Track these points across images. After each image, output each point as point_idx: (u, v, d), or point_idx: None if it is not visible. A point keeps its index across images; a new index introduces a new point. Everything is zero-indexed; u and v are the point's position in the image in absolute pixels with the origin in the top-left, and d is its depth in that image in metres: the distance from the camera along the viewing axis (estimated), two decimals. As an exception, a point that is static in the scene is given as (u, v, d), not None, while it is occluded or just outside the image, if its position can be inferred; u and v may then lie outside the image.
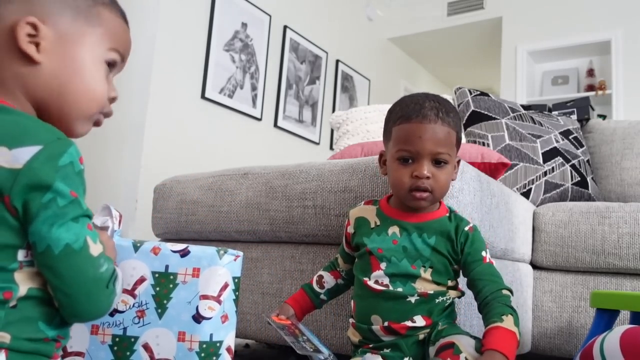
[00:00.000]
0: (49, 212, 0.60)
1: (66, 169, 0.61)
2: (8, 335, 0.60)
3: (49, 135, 0.62)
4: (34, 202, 0.59)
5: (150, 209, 1.77)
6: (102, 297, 0.65)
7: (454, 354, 0.86)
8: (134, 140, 2.79)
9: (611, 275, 1.59)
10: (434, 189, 0.97)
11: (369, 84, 4.78)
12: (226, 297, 0.89)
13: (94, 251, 0.64)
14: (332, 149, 4.10)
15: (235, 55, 3.37)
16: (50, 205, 0.60)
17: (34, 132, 0.61)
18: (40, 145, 0.60)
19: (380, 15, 5.01)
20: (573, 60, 4.50)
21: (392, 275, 0.98)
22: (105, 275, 0.65)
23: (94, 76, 0.71)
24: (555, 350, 1.62)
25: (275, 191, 1.43)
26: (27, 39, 0.65)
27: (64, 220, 0.61)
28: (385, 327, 0.97)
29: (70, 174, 0.62)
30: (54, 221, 0.60)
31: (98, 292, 0.64)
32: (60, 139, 0.62)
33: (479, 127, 2.09)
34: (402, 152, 0.98)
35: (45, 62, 0.67)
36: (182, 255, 0.89)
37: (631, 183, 2.10)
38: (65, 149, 0.62)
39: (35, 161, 0.59)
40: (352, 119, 2.06)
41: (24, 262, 0.62)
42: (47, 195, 0.60)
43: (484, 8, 4.74)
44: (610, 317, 1.27)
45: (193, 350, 0.84)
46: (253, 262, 1.48)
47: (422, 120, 0.97)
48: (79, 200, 0.63)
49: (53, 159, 0.61)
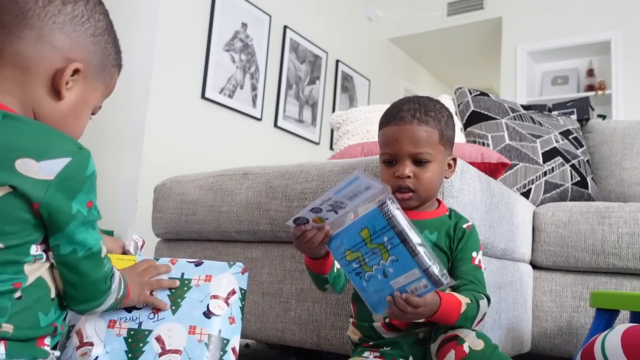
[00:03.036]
0: (77, 221, 0.68)
1: (91, 178, 0.69)
2: (11, 327, 0.66)
3: (72, 147, 0.68)
4: (64, 213, 0.67)
5: (150, 209, 1.77)
6: (102, 290, 0.77)
7: (457, 344, 0.89)
8: (134, 140, 2.79)
9: (611, 275, 1.59)
10: (417, 188, 0.99)
11: (369, 84, 4.78)
12: (233, 302, 0.96)
13: (103, 253, 0.74)
14: (332, 149, 4.10)
15: (235, 55, 3.37)
16: (78, 215, 0.68)
17: (58, 144, 0.67)
18: (68, 157, 0.66)
19: (380, 15, 5.01)
20: (573, 60, 4.50)
21: None
22: (108, 273, 0.77)
23: (84, 122, 0.80)
24: (555, 350, 1.62)
25: (275, 191, 1.44)
26: (66, 79, 0.72)
27: (87, 227, 0.70)
28: (387, 324, 0.98)
29: (93, 183, 0.70)
30: (80, 228, 0.69)
31: (100, 286, 0.76)
32: (82, 149, 0.69)
33: (478, 127, 2.09)
34: (385, 155, 1.02)
35: (64, 101, 0.73)
36: (196, 265, 1.00)
37: (631, 183, 2.10)
38: (88, 159, 0.69)
39: (65, 173, 0.66)
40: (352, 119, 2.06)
41: (36, 255, 0.68)
42: (75, 205, 0.67)
43: (484, 8, 4.74)
44: (610, 317, 1.27)
45: (202, 341, 0.90)
46: (253, 262, 1.48)
47: (399, 122, 1.00)
48: (96, 207, 0.71)
49: (81, 170, 0.68)
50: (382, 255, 0.84)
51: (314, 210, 0.87)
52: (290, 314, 1.39)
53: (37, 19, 0.69)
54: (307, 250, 0.94)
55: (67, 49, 0.71)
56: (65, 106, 0.73)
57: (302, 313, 1.37)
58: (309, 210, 0.87)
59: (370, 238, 0.85)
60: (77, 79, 0.74)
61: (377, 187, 0.82)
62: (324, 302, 1.34)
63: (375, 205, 0.84)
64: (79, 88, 0.74)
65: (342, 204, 0.85)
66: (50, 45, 0.70)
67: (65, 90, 0.72)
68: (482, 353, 0.87)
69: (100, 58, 0.77)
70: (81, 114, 0.77)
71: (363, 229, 0.85)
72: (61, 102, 0.73)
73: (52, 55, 0.70)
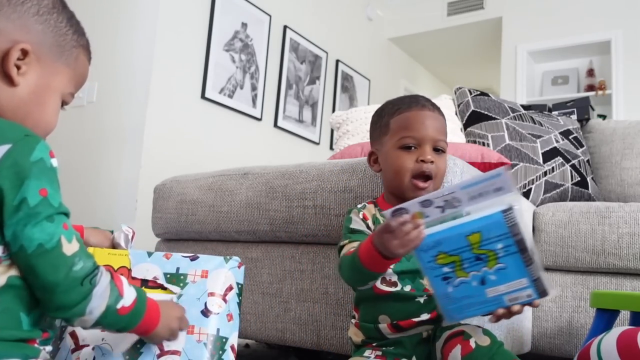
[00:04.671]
0: (20, 213, 0.61)
1: (37, 165, 0.63)
2: None
3: (16, 133, 0.63)
4: (7, 204, 0.61)
5: (150, 209, 1.77)
6: (76, 293, 0.66)
7: (464, 339, 0.89)
8: (134, 140, 2.79)
9: (611, 275, 1.59)
10: (436, 175, 0.99)
11: (369, 84, 4.78)
12: (231, 298, 0.94)
13: (67, 250, 0.65)
14: (332, 149, 4.10)
15: (235, 55, 3.37)
16: (22, 206, 0.61)
17: (1, 131, 0.63)
18: (9, 143, 0.61)
19: (380, 15, 5.01)
20: (573, 60, 4.50)
21: (402, 272, 0.98)
22: (79, 273, 0.66)
23: (53, 111, 0.74)
24: (555, 350, 1.62)
25: (275, 191, 1.43)
26: (14, 62, 0.68)
27: (38, 220, 0.62)
28: (393, 325, 0.98)
29: (41, 171, 0.63)
30: (27, 221, 0.62)
31: (72, 288, 0.65)
32: (28, 136, 0.64)
33: (478, 127, 2.09)
34: (405, 139, 1.00)
35: (21, 87, 0.69)
36: (192, 260, 0.96)
37: (631, 183, 2.10)
38: (34, 145, 0.63)
39: (6, 160, 0.61)
40: (352, 119, 2.06)
41: (2, 256, 0.63)
42: (18, 196, 0.61)
43: (484, 8, 4.74)
44: (610, 317, 1.27)
45: (201, 341, 0.88)
46: (253, 262, 1.48)
47: (422, 108, 1.01)
48: (48, 199, 0.63)
49: (23, 156, 0.62)
50: (488, 263, 0.79)
51: (424, 203, 0.79)
52: (290, 314, 1.39)
53: None
54: (393, 247, 0.81)
55: (9, 31, 0.68)
56: (23, 92, 0.69)
57: (302, 313, 1.37)
58: (418, 203, 0.78)
59: (479, 243, 0.78)
60: (30, 62, 0.70)
61: (509, 191, 0.76)
62: (324, 302, 1.34)
63: (497, 210, 0.77)
64: (35, 72, 0.71)
65: (458, 202, 0.78)
66: None
67: (19, 75, 0.69)
68: (488, 349, 0.87)
69: (52, 37, 0.72)
70: (45, 100, 0.72)
71: (473, 234, 0.79)
72: (17, 88, 0.69)
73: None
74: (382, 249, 0.83)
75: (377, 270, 0.90)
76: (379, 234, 0.82)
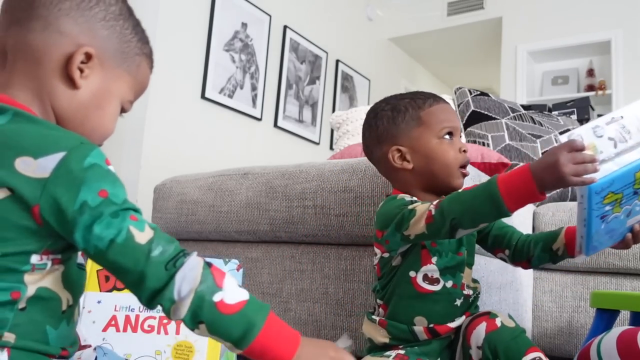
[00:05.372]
0: (85, 216, 0.61)
1: (91, 170, 0.63)
2: (13, 336, 0.61)
3: (72, 141, 0.63)
4: (68, 211, 0.60)
5: (150, 209, 1.77)
6: (161, 276, 0.63)
7: (490, 317, 0.89)
8: (134, 140, 2.79)
9: (611, 275, 1.59)
10: None
11: (369, 84, 4.78)
12: None
13: (141, 239, 0.63)
14: (332, 149, 4.10)
15: (235, 55, 3.37)
16: (84, 209, 0.61)
17: (58, 139, 0.63)
18: (64, 151, 0.61)
19: (380, 15, 5.01)
20: (573, 60, 4.50)
21: (445, 268, 0.96)
22: (160, 257, 0.63)
23: (112, 116, 0.75)
24: (556, 350, 1.62)
25: (275, 191, 1.43)
26: (77, 65, 0.69)
27: (102, 219, 0.62)
28: (429, 329, 0.95)
29: (97, 174, 0.63)
30: (92, 222, 0.61)
31: (157, 273, 0.62)
32: (84, 143, 0.64)
33: (479, 127, 2.08)
34: (448, 128, 1.01)
35: (82, 90, 0.70)
36: None
37: (631, 183, 2.10)
38: (89, 152, 0.63)
39: (61, 168, 0.61)
40: (352, 119, 2.06)
41: (36, 264, 0.63)
42: (77, 201, 0.61)
43: (484, 8, 4.74)
44: (610, 317, 1.27)
45: None
46: (253, 262, 1.48)
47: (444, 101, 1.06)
48: (110, 198, 0.63)
49: (76, 163, 0.62)
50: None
51: (595, 130, 0.72)
52: (290, 314, 1.39)
53: (42, 8, 0.68)
54: (566, 171, 0.72)
55: (75, 35, 0.69)
56: (84, 96, 0.70)
57: (302, 313, 1.37)
58: (591, 128, 0.71)
59: None
60: (93, 66, 0.70)
61: None
62: (324, 302, 1.34)
63: None
64: (97, 76, 0.71)
65: (627, 134, 0.73)
66: (58, 32, 0.68)
67: (81, 78, 0.69)
68: (512, 330, 0.88)
69: (116, 44, 0.73)
70: (104, 104, 0.73)
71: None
72: (79, 91, 0.70)
73: (60, 42, 0.68)
74: (546, 174, 0.74)
75: (512, 204, 0.78)
76: (551, 155, 0.74)
